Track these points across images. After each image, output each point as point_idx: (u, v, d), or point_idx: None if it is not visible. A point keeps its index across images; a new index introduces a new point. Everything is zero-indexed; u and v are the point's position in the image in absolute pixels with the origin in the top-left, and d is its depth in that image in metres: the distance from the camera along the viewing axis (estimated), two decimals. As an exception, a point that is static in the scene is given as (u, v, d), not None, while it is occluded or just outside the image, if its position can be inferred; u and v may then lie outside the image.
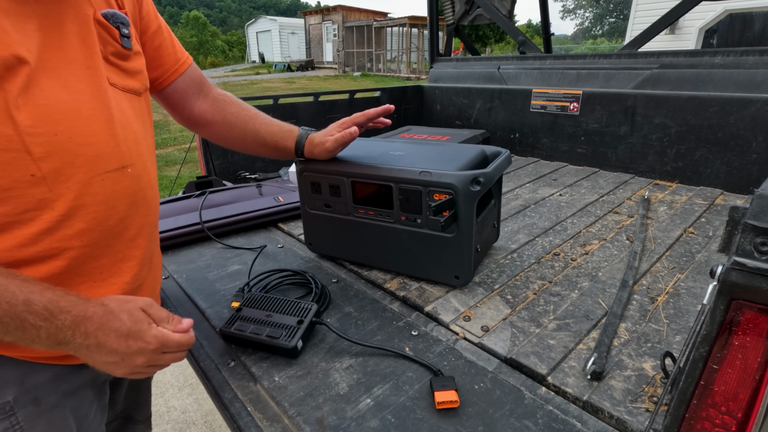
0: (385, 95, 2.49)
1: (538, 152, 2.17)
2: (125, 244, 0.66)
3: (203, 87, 0.91)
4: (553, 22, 14.95)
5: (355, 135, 0.94)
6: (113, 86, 0.65)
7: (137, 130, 0.69)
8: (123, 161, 0.64)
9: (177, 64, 0.85)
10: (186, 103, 0.90)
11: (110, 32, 0.65)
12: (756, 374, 0.40)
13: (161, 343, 0.59)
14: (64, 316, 0.53)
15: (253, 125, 0.94)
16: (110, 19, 0.65)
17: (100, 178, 0.60)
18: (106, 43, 0.64)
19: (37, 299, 0.52)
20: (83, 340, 0.55)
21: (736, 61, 1.62)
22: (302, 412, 0.65)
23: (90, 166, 0.59)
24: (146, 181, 0.70)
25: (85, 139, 0.59)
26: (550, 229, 1.30)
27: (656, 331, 0.82)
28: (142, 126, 0.71)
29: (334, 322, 0.87)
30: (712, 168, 1.64)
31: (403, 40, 20.24)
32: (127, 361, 0.57)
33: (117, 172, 0.63)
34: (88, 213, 0.59)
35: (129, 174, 0.65)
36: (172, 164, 5.69)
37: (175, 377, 2.11)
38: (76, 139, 0.58)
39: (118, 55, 0.66)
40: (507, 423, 0.63)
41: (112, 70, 0.65)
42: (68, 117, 0.57)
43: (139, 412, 0.94)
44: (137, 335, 0.57)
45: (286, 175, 1.93)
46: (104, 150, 0.61)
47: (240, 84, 14.50)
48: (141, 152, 0.69)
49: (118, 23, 0.66)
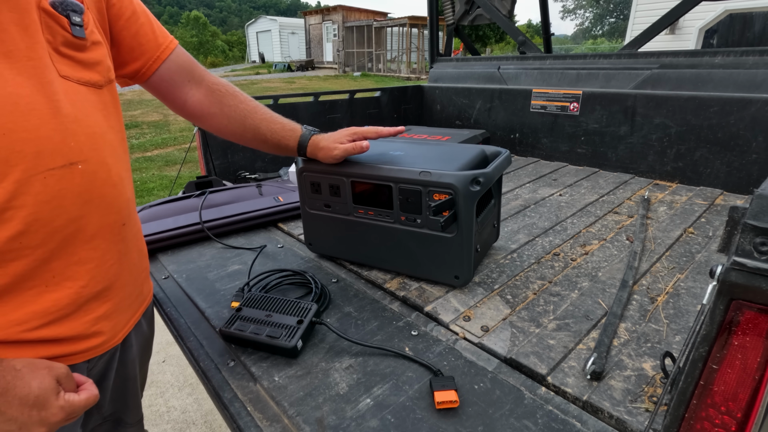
0: (385, 95, 2.49)
1: (538, 152, 2.17)
2: (80, 246, 0.62)
3: (194, 73, 0.87)
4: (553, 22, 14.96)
5: (365, 149, 0.93)
6: (65, 78, 0.60)
7: (96, 124, 0.65)
8: (71, 158, 0.59)
9: (159, 50, 0.79)
10: (177, 92, 0.85)
11: (58, 21, 0.60)
12: (756, 374, 0.40)
13: (67, 413, 0.56)
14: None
15: (253, 120, 0.91)
16: (58, 8, 0.60)
17: (41, 176, 0.56)
18: (55, 33, 0.60)
19: None
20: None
21: (736, 61, 1.62)
22: (302, 412, 0.65)
23: (28, 163, 0.55)
24: (103, 178, 0.65)
25: (22, 134, 0.54)
26: (550, 229, 1.30)
27: (656, 331, 0.82)
28: (105, 120, 0.67)
29: (334, 322, 0.87)
30: (712, 168, 1.64)
31: (403, 40, 20.25)
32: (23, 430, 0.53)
33: (63, 168, 0.58)
34: (28, 214, 0.55)
35: (80, 171, 0.60)
36: (172, 164, 5.69)
37: (175, 377, 2.11)
38: (11, 136, 0.53)
39: (70, 45, 0.62)
40: (507, 423, 0.63)
41: (64, 62, 0.61)
42: (3, 112, 0.53)
43: (128, 415, 0.91)
44: (42, 405, 0.54)
45: (286, 175, 1.93)
46: (46, 146, 0.56)
47: (240, 84, 14.50)
48: (98, 147, 0.64)
49: (68, 11, 0.61)
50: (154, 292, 1.02)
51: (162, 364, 2.20)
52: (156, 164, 5.66)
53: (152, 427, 1.84)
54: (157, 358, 2.22)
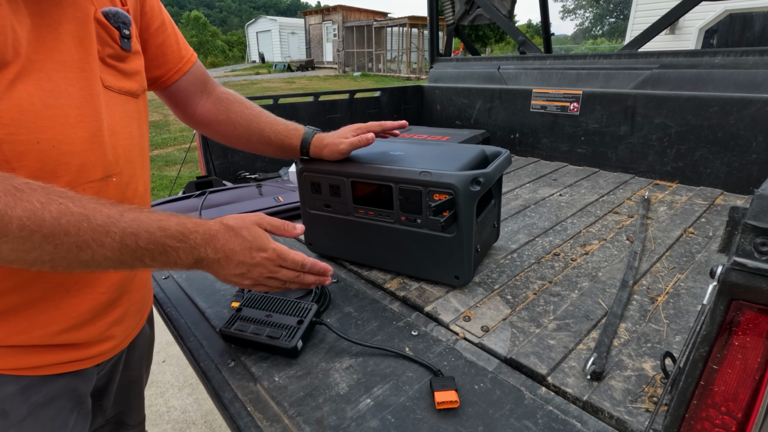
0: (385, 95, 2.49)
1: (538, 152, 2.17)
2: None
3: (207, 85, 0.89)
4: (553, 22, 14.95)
5: (371, 142, 0.94)
6: (108, 89, 0.62)
7: (131, 134, 0.67)
8: (108, 170, 0.61)
9: (181, 62, 0.82)
10: (189, 102, 0.88)
11: (110, 33, 0.62)
12: (756, 374, 0.40)
13: (278, 254, 0.68)
14: (195, 235, 0.60)
15: (258, 124, 0.93)
16: (111, 19, 0.62)
17: (81, 188, 0.58)
18: (105, 44, 0.61)
19: (168, 225, 0.57)
20: (214, 254, 0.62)
21: (736, 61, 1.62)
22: (302, 412, 0.65)
23: (72, 175, 0.57)
24: (133, 190, 0.67)
25: (70, 147, 0.56)
26: (550, 229, 1.30)
27: (656, 331, 0.82)
28: (138, 129, 0.69)
29: (334, 322, 0.87)
30: (712, 168, 1.64)
31: (403, 40, 20.24)
32: (252, 271, 0.66)
33: (101, 181, 0.60)
34: None
35: (114, 183, 0.62)
36: (172, 164, 5.69)
37: (175, 377, 2.11)
38: (60, 148, 0.55)
39: (116, 56, 0.64)
40: (507, 423, 0.63)
41: (109, 72, 0.63)
42: (54, 124, 0.54)
43: (130, 417, 0.92)
44: (259, 247, 0.66)
45: (286, 175, 1.93)
46: (89, 159, 0.58)
47: (240, 84, 14.50)
48: (131, 159, 0.66)
49: (119, 23, 0.63)
50: (154, 292, 1.02)
51: (162, 364, 2.20)
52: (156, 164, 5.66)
53: (152, 427, 1.84)
54: (157, 358, 2.22)
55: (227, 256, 0.64)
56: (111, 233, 0.51)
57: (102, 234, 0.51)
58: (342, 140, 0.95)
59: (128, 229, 0.53)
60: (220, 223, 0.65)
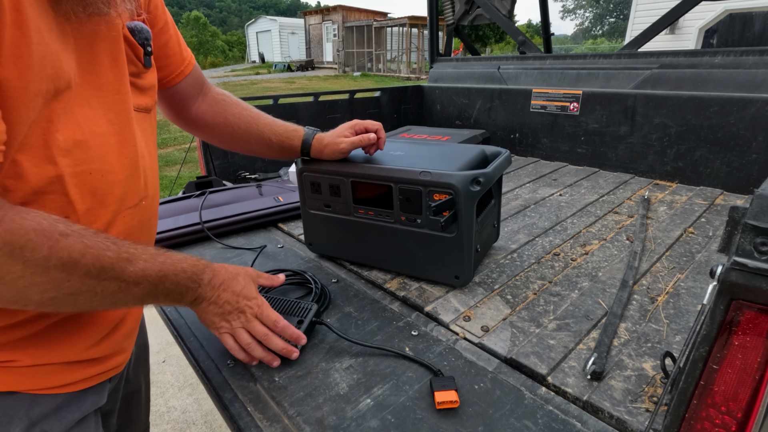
0: (385, 95, 2.49)
1: (538, 152, 2.17)
2: None
3: (203, 87, 0.88)
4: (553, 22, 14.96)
5: (372, 141, 0.94)
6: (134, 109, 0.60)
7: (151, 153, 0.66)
8: (141, 195, 0.62)
9: (182, 65, 0.80)
10: (186, 104, 0.86)
11: (135, 51, 0.59)
12: (756, 374, 0.40)
13: (259, 306, 0.71)
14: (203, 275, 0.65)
15: (257, 126, 0.92)
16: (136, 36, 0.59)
17: (122, 215, 0.58)
18: (130, 63, 0.59)
19: (186, 267, 0.61)
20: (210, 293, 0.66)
21: (736, 61, 1.62)
22: (302, 412, 0.65)
23: (117, 204, 0.57)
24: (153, 209, 0.68)
25: (116, 176, 0.55)
26: (550, 229, 1.30)
27: (656, 331, 0.82)
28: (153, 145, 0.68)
29: (334, 322, 0.87)
30: (712, 168, 1.64)
31: (403, 40, 20.24)
32: (233, 315, 0.69)
33: (136, 207, 0.61)
34: None
35: (143, 207, 0.63)
36: (172, 164, 5.69)
37: (175, 377, 2.11)
38: (108, 177, 0.54)
39: (136, 74, 0.61)
40: (507, 423, 0.63)
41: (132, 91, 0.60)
42: (102, 154, 0.52)
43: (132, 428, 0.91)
44: (247, 296, 0.70)
45: (286, 175, 1.93)
46: (130, 186, 0.58)
47: (240, 84, 14.50)
48: (155, 181, 0.67)
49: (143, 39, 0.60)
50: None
51: (162, 364, 2.20)
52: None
53: (152, 427, 1.83)
54: (157, 358, 2.22)
55: (219, 295, 0.67)
56: (142, 283, 0.54)
57: (132, 284, 0.53)
58: (342, 139, 0.94)
59: (157, 276, 0.56)
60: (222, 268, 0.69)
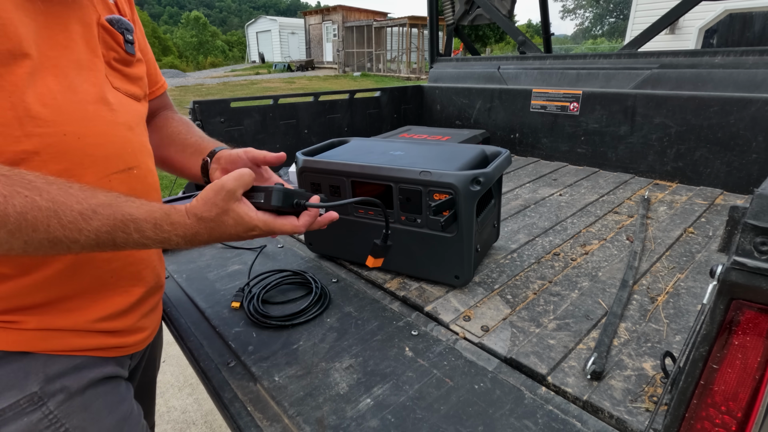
0: (385, 95, 2.49)
1: (538, 152, 2.17)
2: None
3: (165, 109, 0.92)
4: (553, 22, 14.96)
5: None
6: (116, 90, 0.65)
7: (142, 133, 0.71)
8: (129, 162, 0.64)
9: (154, 87, 0.85)
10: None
11: (115, 38, 0.65)
12: (756, 374, 0.40)
13: (269, 228, 0.63)
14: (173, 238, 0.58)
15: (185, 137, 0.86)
16: (115, 25, 0.65)
17: (107, 179, 0.61)
18: (110, 48, 0.64)
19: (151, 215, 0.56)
20: (208, 237, 0.59)
21: (736, 61, 1.62)
22: (302, 412, 0.65)
23: (99, 167, 0.59)
24: (151, 183, 0.70)
25: (92, 139, 0.58)
26: (550, 229, 1.30)
27: (656, 331, 0.82)
28: (145, 129, 0.73)
29: (335, 322, 0.87)
30: (712, 168, 1.64)
31: (403, 40, 20.24)
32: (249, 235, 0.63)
33: (124, 173, 0.63)
34: None
35: (135, 175, 0.66)
36: (172, 164, 5.68)
37: (175, 377, 2.11)
38: (85, 140, 0.57)
39: (121, 60, 0.67)
40: (507, 423, 0.63)
41: (115, 75, 0.66)
42: (76, 118, 0.56)
43: None
44: (247, 231, 0.62)
45: (286, 175, 1.93)
46: (111, 151, 0.61)
47: (240, 84, 14.50)
48: (146, 153, 0.70)
49: (123, 29, 0.66)
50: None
51: (162, 364, 2.19)
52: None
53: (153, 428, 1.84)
54: (157, 358, 2.22)
55: (219, 236, 0.60)
56: (84, 231, 0.49)
57: (75, 231, 0.49)
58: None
59: (102, 228, 0.50)
60: (194, 217, 0.58)
